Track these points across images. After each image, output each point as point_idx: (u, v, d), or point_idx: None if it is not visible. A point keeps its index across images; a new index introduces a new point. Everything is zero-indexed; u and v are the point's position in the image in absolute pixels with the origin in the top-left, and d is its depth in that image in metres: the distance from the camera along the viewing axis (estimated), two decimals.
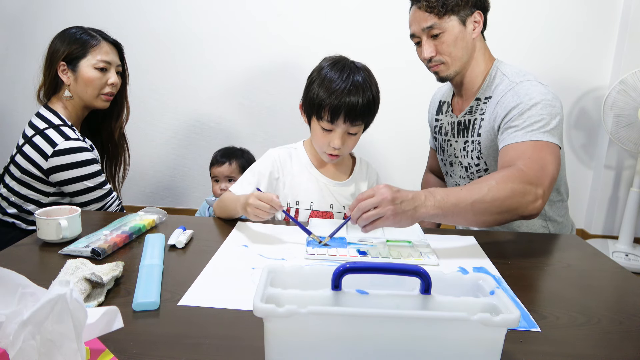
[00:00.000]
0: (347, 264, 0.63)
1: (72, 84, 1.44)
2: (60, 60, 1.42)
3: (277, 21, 2.67)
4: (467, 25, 1.26)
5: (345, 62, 1.20)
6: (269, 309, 0.56)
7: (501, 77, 1.29)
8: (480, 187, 1.03)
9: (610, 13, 2.60)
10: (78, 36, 1.44)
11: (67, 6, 2.67)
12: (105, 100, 1.49)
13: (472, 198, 1.00)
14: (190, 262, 0.96)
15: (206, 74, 2.75)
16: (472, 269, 0.98)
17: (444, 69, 1.30)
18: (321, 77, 1.18)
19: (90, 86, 1.44)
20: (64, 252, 0.96)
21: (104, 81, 1.46)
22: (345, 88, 1.13)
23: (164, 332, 0.70)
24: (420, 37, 1.29)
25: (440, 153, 1.51)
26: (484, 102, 1.32)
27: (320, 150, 1.25)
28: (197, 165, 2.88)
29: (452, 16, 1.24)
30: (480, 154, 1.33)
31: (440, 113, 1.52)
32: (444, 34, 1.25)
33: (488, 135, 1.29)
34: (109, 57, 1.47)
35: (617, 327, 0.77)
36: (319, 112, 1.17)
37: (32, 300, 0.51)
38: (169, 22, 2.70)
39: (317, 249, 1.02)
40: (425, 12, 1.24)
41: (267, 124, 2.80)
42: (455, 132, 1.42)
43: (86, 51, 1.43)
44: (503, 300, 0.61)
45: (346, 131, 1.18)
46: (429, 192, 1.00)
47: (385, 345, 0.58)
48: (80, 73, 1.43)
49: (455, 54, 1.27)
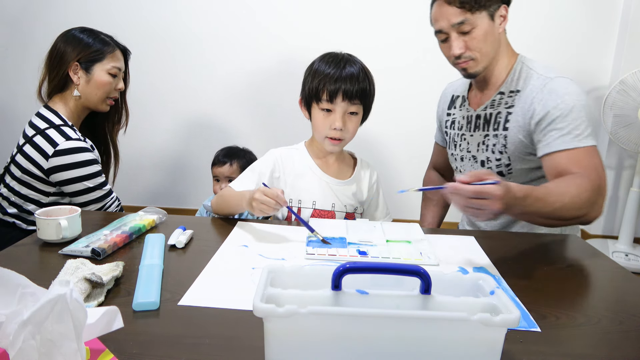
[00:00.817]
0: (347, 264, 0.63)
1: (82, 85, 1.45)
2: (75, 61, 1.43)
3: (278, 21, 2.67)
4: (495, 20, 1.24)
5: (336, 52, 1.28)
6: (269, 309, 0.56)
7: (528, 71, 1.28)
8: (563, 195, 1.05)
9: (610, 13, 2.60)
10: (96, 40, 1.47)
11: (68, 6, 2.67)
12: (109, 104, 1.53)
13: (555, 205, 1.03)
14: (190, 262, 0.96)
15: (207, 74, 2.75)
16: (472, 269, 0.98)
17: (473, 65, 1.27)
18: (315, 66, 1.26)
19: (101, 90, 1.47)
20: (64, 252, 0.96)
21: (114, 86, 1.50)
22: (340, 69, 1.21)
23: (164, 332, 0.70)
24: (449, 33, 1.24)
25: (452, 148, 1.49)
26: (509, 96, 1.29)
27: (321, 137, 1.26)
28: (198, 165, 2.88)
29: (483, 11, 1.21)
30: (504, 148, 1.30)
31: (452, 107, 1.49)
32: (475, 29, 1.22)
33: (518, 130, 1.26)
34: (120, 64, 1.51)
35: (617, 327, 0.77)
36: (317, 96, 1.22)
37: (32, 300, 0.51)
38: (169, 22, 2.70)
39: (317, 249, 1.02)
40: (456, 7, 1.20)
41: (268, 124, 2.80)
42: (472, 126, 1.39)
43: (103, 56, 1.46)
44: (503, 300, 0.61)
45: (346, 111, 1.22)
46: (525, 197, 0.98)
47: (385, 345, 0.58)
48: (95, 76, 1.46)
49: (485, 50, 1.25)
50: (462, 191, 0.89)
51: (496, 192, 0.88)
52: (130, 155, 2.79)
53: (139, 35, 2.68)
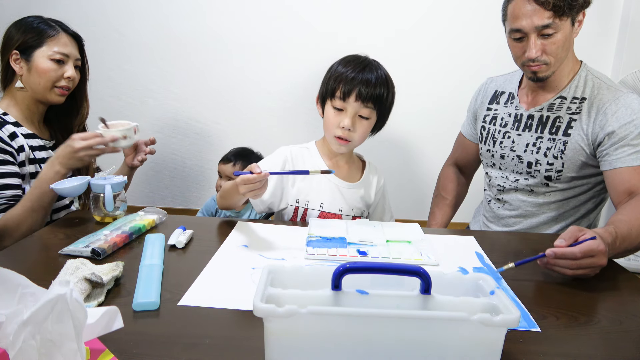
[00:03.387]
0: (347, 264, 0.63)
1: (25, 74, 1.34)
2: (14, 49, 1.33)
3: (285, 19, 2.66)
4: (575, 25, 1.22)
5: (359, 55, 1.28)
6: (269, 309, 0.56)
7: (594, 79, 1.27)
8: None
9: (610, 13, 2.60)
10: (35, 25, 1.35)
11: (68, 5, 2.67)
12: (60, 94, 1.38)
13: (639, 240, 1.04)
14: (190, 262, 0.96)
15: (208, 74, 2.75)
16: (472, 269, 0.98)
17: (545, 69, 1.23)
18: (336, 65, 1.26)
19: (43, 77, 1.34)
20: (64, 252, 0.96)
21: (60, 74, 1.36)
22: (358, 70, 1.21)
23: (164, 332, 0.70)
24: (528, 34, 1.19)
25: (489, 144, 1.45)
26: (572, 102, 1.27)
27: (330, 136, 1.25)
28: (198, 166, 2.88)
29: (569, 17, 1.18)
30: (562, 154, 1.27)
31: (495, 102, 1.46)
32: (557, 34, 1.17)
33: (581, 138, 1.25)
34: (66, 50, 1.37)
35: (617, 327, 0.77)
36: (332, 93, 1.22)
37: (32, 300, 0.51)
38: (169, 22, 2.70)
39: (317, 249, 1.02)
40: (546, 9, 1.15)
41: (269, 124, 2.80)
42: (521, 125, 1.36)
43: (42, 41, 1.34)
44: (503, 300, 0.61)
45: (357, 112, 1.21)
46: (614, 241, 0.98)
47: (385, 345, 0.58)
48: (35, 63, 1.33)
49: (560, 55, 1.21)
50: (571, 255, 0.89)
51: (600, 247, 0.90)
52: None
53: (140, 35, 2.68)
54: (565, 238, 0.91)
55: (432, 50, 2.60)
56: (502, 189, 1.42)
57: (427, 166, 2.67)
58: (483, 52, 2.54)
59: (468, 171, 1.65)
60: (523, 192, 1.37)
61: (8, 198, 1.25)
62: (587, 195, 1.33)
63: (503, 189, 1.41)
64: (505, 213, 1.42)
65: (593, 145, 1.24)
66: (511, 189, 1.39)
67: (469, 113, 1.57)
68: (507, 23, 1.24)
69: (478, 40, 2.55)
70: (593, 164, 1.26)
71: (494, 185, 1.45)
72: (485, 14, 2.45)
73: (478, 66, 2.49)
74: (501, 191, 1.43)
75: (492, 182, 1.46)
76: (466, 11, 2.54)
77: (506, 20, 1.25)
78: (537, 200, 1.35)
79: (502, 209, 1.43)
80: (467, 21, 2.55)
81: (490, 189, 1.49)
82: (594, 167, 1.26)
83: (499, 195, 1.44)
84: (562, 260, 0.90)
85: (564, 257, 0.90)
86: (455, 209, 1.62)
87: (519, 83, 1.42)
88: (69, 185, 1.18)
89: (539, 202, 1.35)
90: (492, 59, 2.38)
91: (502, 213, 1.43)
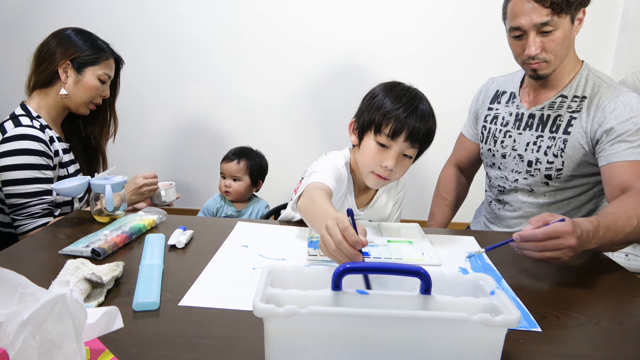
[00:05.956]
0: (347, 264, 0.63)
1: (70, 84, 1.42)
2: (67, 60, 1.41)
3: (283, 21, 2.67)
4: (574, 23, 1.22)
5: (405, 85, 1.17)
6: (269, 309, 0.56)
7: (595, 79, 1.27)
8: (630, 218, 1.02)
9: (610, 13, 2.60)
10: (94, 43, 1.45)
11: (69, 5, 2.67)
12: (90, 108, 1.49)
13: (626, 231, 1.01)
14: (191, 262, 0.96)
15: (208, 75, 2.75)
16: (472, 269, 0.98)
17: (545, 67, 1.24)
18: (380, 97, 1.14)
19: (87, 93, 1.44)
20: (64, 252, 0.96)
21: (99, 92, 1.48)
22: (411, 106, 1.10)
23: (164, 332, 0.70)
24: (527, 31, 1.20)
25: (489, 143, 1.45)
26: (572, 100, 1.28)
27: (367, 171, 1.16)
28: (199, 166, 2.89)
29: (568, 14, 1.18)
30: (562, 152, 1.28)
31: (496, 102, 1.46)
32: (556, 31, 1.18)
33: (581, 136, 1.25)
34: (111, 72, 1.49)
35: (617, 327, 0.77)
36: (378, 126, 1.11)
37: (32, 300, 0.51)
38: (170, 22, 2.70)
39: (319, 250, 1.01)
40: (544, 7, 1.15)
41: (270, 125, 2.80)
42: (522, 124, 1.36)
43: (98, 61, 1.45)
44: (503, 301, 0.61)
45: (402, 152, 1.12)
46: (596, 230, 0.96)
47: (385, 345, 0.58)
48: (85, 78, 1.43)
49: (560, 53, 1.22)
50: (533, 237, 0.88)
51: (566, 227, 0.88)
52: (130, 155, 2.80)
53: (141, 35, 2.68)
54: (532, 222, 0.91)
55: (433, 50, 2.61)
56: (503, 190, 1.42)
57: (428, 166, 2.67)
58: (484, 52, 2.54)
59: (469, 172, 1.65)
60: (523, 193, 1.37)
61: (50, 203, 1.33)
62: (588, 196, 1.32)
63: (503, 189, 1.41)
64: (506, 214, 1.42)
65: (592, 143, 1.24)
66: (511, 190, 1.39)
67: (470, 113, 1.57)
68: (507, 21, 1.25)
69: (479, 41, 2.56)
70: (592, 162, 1.26)
71: (494, 186, 1.45)
72: (486, 14, 2.45)
73: (479, 67, 2.50)
74: (501, 192, 1.42)
75: (492, 183, 1.46)
76: (467, 12, 2.54)
77: (506, 19, 1.26)
78: (538, 201, 1.35)
79: (502, 210, 1.43)
80: (469, 22, 2.55)
81: (490, 190, 1.49)
82: (594, 166, 1.26)
83: (500, 196, 1.44)
84: (527, 243, 0.90)
85: (527, 239, 0.89)
86: (455, 210, 1.61)
87: (520, 82, 1.42)
88: (69, 185, 1.18)
89: (540, 202, 1.35)
90: (493, 60, 2.38)
91: (503, 214, 1.43)
